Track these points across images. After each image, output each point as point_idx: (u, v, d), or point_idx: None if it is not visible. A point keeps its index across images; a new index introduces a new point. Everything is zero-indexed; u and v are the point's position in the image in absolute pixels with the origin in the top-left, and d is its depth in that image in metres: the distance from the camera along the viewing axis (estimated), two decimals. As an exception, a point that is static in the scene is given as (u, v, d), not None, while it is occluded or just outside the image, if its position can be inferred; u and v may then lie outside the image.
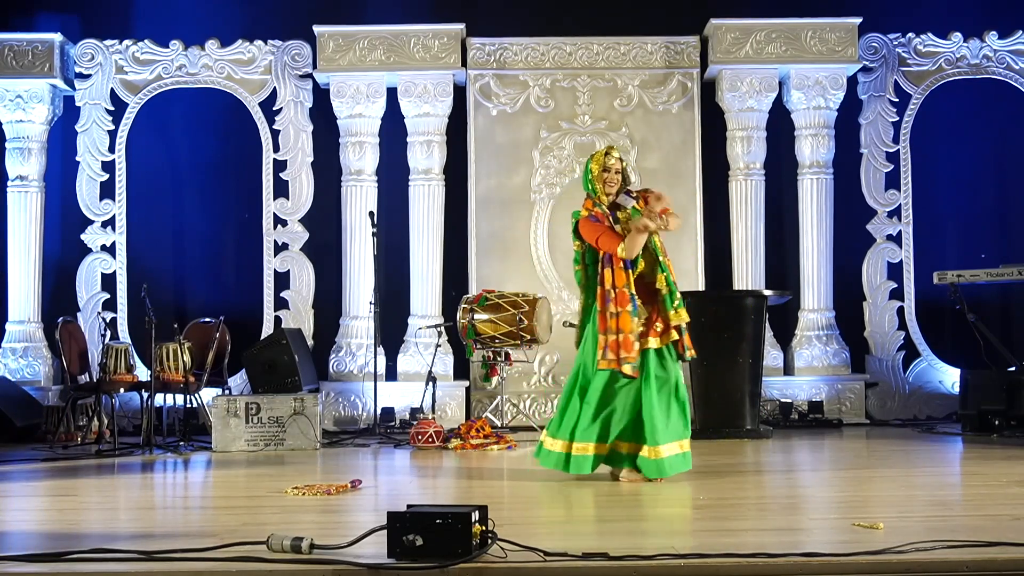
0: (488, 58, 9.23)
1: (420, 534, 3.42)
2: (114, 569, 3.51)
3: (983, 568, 3.40)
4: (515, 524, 4.10)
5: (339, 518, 4.63)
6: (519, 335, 7.88)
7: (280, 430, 7.34)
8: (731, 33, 9.04)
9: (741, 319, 7.83)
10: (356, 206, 9.06)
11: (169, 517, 4.98)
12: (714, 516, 4.56)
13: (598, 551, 3.50)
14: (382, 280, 8.80)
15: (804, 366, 9.06)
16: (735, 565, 3.40)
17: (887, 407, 9.17)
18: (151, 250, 9.27)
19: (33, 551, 3.73)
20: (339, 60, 9.03)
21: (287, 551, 3.59)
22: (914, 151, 9.34)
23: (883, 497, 5.20)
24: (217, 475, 6.36)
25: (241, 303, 9.20)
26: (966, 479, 5.99)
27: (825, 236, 9.13)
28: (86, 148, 9.20)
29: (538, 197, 9.18)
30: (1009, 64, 9.35)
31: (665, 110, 9.26)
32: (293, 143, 9.26)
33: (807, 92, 9.07)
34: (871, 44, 9.28)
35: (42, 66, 8.95)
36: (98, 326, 8.56)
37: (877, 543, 3.63)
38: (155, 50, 9.24)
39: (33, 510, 5.18)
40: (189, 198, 9.40)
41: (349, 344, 9.04)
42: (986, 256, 9.10)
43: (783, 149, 9.31)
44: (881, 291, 9.29)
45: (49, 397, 8.75)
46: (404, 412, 8.67)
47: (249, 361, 8.47)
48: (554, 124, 9.24)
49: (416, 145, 9.13)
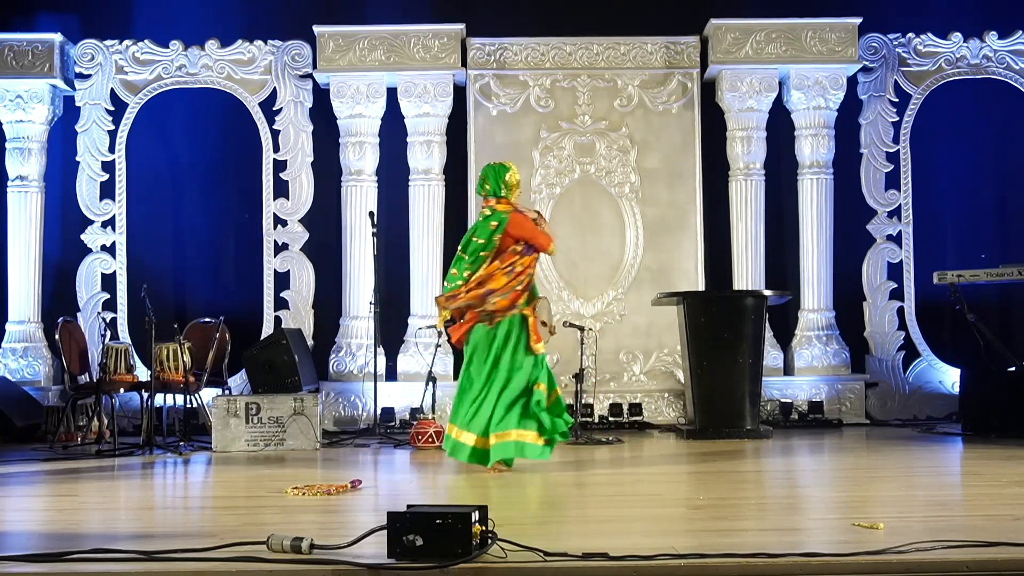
0: (488, 58, 9.23)
1: (420, 534, 3.41)
2: (114, 569, 3.51)
3: (983, 568, 3.40)
4: (515, 524, 4.10)
5: (339, 518, 4.63)
6: (519, 335, 7.86)
7: (280, 430, 7.34)
8: (731, 33, 9.04)
9: (741, 319, 7.83)
10: (356, 206, 9.06)
11: (169, 517, 4.97)
12: (714, 516, 4.55)
13: (598, 551, 3.50)
14: (382, 280, 8.80)
15: (804, 366, 9.07)
16: (735, 565, 3.40)
17: (887, 407, 9.17)
18: (151, 250, 9.27)
19: (33, 551, 3.73)
20: (339, 60, 9.03)
21: (287, 551, 3.58)
22: (914, 151, 9.35)
23: (883, 497, 5.19)
24: (217, 475, 6.36)
25: (241, 303, 9.21)
26: (966, 479, 5.99)
27: (825, 236, 9.13)
28: (86, 148, 9.20)
29: (538, 197, 9.18)
30: (1009, 64, 9.35)
31: (665, 110, 9.26)
32: (293, 143, 9.26)
33: (807, 92, 9.07)
34: (871, 44, 9.28)
35: (42, 66, 8.95)
36: (98, 326, 8.56)
37: (877, 543, 3.62)
38: (155, 50, 9.24)
39: (33, 510, 5.17)
40: (189, 198, 9.40)
41: (349, 344, 9.04)
42: (986, 256, 9.10)
43: (783, 149, 9.31)
44: (881, 291, 9.30)
45: (49, 397, 8.75)
46: (404, 412, 8.67)
47: (249, 361, 8.46)
48: (554, 124, 9.24)
49: (416, 145, 9.13)
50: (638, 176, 9.14)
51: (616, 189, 9.21)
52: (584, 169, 9.23)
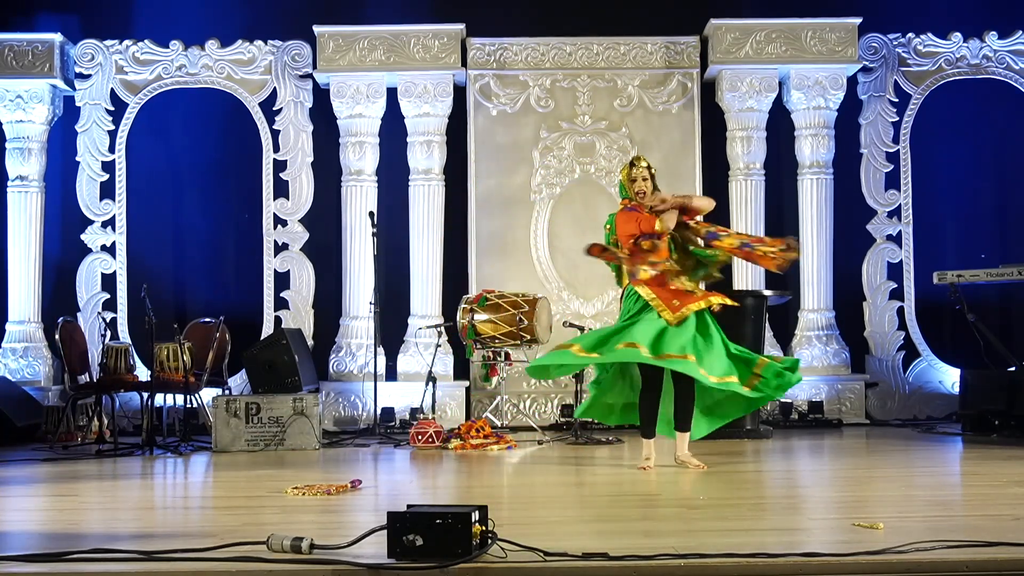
0: (488, 58, 9.23)
1: (420, 534, 3.41)
2: (114, 569, 3.51)
3: (983, 568, 3.40)
4: (515, 524, 4.10)
5: (339, 518, 4.63)
6: (519, 335, 7.88)
7: (280, 430, 7.34)
8: (731, 33, 9.04)
9: (741, 319, 7.81)
10: (356, 206, 9.06)
11: (169, 517, 4.98)
12: (714, 516, 4.55)
13: (598, 551, 3.50)
14: (382, 280, 8.80)
15: (804, 366, 9.01)
16: (735, 565, 3.40)
17: (887, 407, 9.17)
18: (151, 250, 9.27)
19: (33, 551, 3.73)
20: (339, 60, 9.03)
21: (287, 551, 3.58)
22: (914, 151, 9.35)
23: (883, 497, 5.19)
24: (217, 475, 6.35)
25: (241, 303, 9.21)
26: (966, 479, 5.99)
27: (825, 236, 9.13)
28: (86, 148, 9.20)
29: (538, 197, 9.18)
30: (1009, 64, 9.35)
31: (665, 110, 9.26)
32: (293, 143, 9.26)
33: (807, 92, 9.07)
34: (871, 44, 9.28)
35: (42, 66, 8.95)
36: (98, 326, 8.56)
37: (877, 543, 3.62)
38: (155, 50, 9.24)
39: (33, 510, 5.17)
40: (189, 198, 9.40)
41: (349, 344, 9.04)
42: (986, 256, 9.09)
43: (783, 149, 9.31)
44: (881, 291, 9.30)
45: (49, 397, 8.75)
46: (404, 412, 8.67)
47: (249, 361, 8.46)
48: (554, 124, 9.24)
49: (416, 145, 9.13)
50: (638, 176, 9.12)
51: (616, 189, 9.18)
52: (584, 169, 9.23)
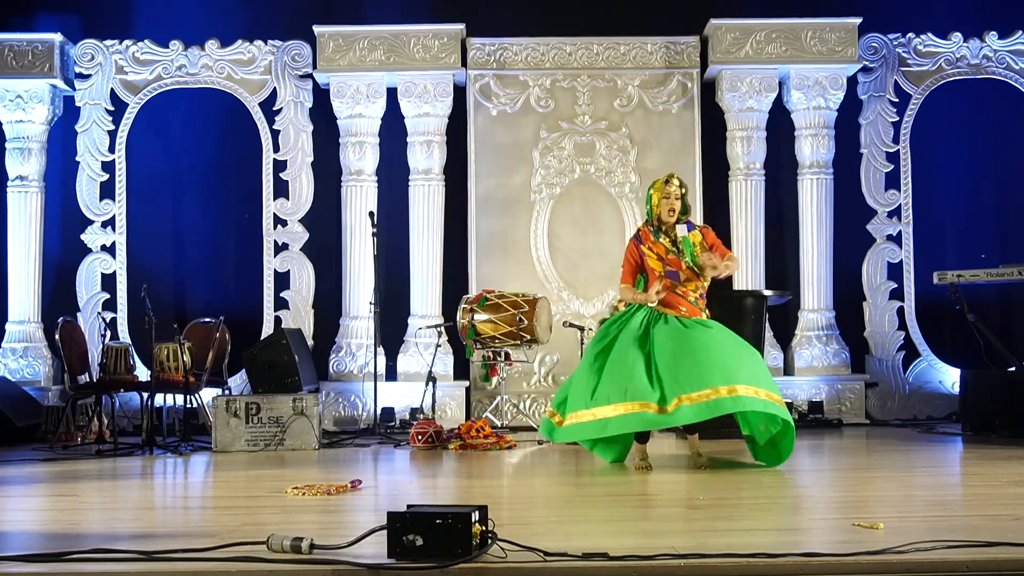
0: (488, 58, 9.23)
1: (420, 534, 3.41)
2: (114, 569, 3.51)
3: (983, 568, 3.40)
4: (515, 524, 4.10)
5: (339, 518, 4.63)
6: (519, 335, 7.88)
7: (280, 430, 7.34)
8: (731, 33, 9.04)
9: (741, 319, 7.80)
10: (356, 206, 9.06)
11: (169, 517, 4.97)
12: (714, 516, 4.55)
13: (598, 551, 3.50)
14: (382, 280, 8.80)
15: (804, 366, 9.07)
16: (735, 565, 3.40)
17: (887, 407, 9.17)
18: (151, 250, 9.27)
19: (33, 551, 3.73)
20: (339, 60, 9.03)
21: (287, 551, 3.59)
22: (914, 151, 9.35)
23: (883, 497, 5.19)
24: (217, 475, 6.35)
25: (241, 303, 9.21)
26: (966, 479, 5.99)
27: (825, 236, 9.13)
28: (86, 148, 9.20)
29: (538, 197, 9.18)
30: (1009, 64, 9.35)
31: (665, 110, 9.26)
32: (293, 143, 9.27)
33: (807, 92, 9.07)
34: (871, 44, 9.28)
35: (42, 66, 8.95)
36: (98, 326, 8.55)
37: (877, 543, 3.62)
38: (155, 50, 9.24)
39: (33, 510, 5.17)
40: (189, 198, 9.40)
41: (349, 344, 9.04)
42: (986, 256, 9.10)
43: (783, 149, 9.31)
44: (881, 291, 9.30)
45: (49, 397, 8.75)
46: (404, 412, 8.67)
47: (249, 361, 8.46)
48: (554, 124, 9.24)
49: (416, 145, 9.13)
50: (638, 176, 9.13)
51: (616, 189, 9.21)
52: (584, 169, 9.23)
